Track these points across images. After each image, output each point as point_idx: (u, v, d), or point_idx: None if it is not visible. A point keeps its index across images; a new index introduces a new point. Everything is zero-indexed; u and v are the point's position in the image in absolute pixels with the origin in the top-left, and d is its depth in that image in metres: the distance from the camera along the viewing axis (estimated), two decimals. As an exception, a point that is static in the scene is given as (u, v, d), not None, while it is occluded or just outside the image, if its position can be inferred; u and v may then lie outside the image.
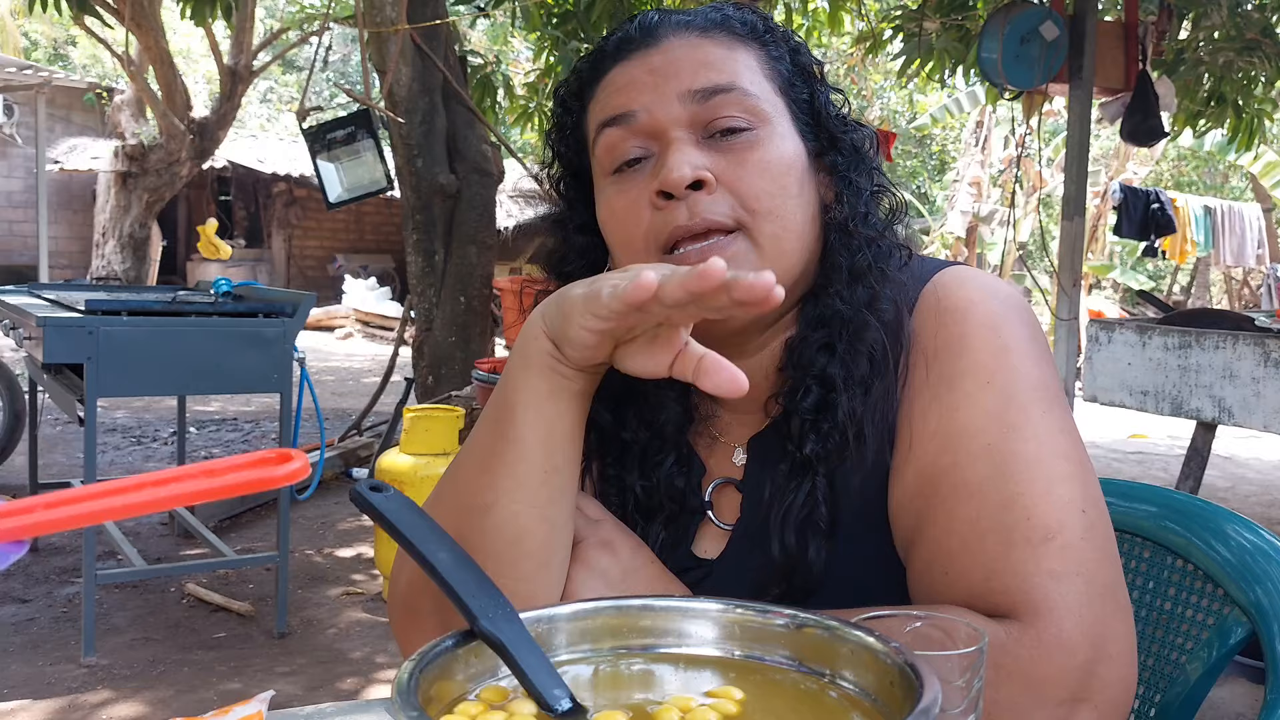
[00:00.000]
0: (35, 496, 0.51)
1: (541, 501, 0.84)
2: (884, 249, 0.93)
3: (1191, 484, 4.59)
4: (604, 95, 0.94)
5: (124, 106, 12.13)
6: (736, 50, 0.93)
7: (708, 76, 0.90)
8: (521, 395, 0.83)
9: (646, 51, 0.93)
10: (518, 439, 0.84)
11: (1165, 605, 1.09)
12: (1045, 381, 0.87)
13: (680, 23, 0.94)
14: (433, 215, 5.25)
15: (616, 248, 0.94)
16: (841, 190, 0.94)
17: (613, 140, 0.92)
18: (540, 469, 0.84)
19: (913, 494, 0.87)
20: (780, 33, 0.97)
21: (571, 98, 0.99)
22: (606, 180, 0.94)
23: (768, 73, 0.93)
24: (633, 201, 0.91)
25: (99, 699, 3.15)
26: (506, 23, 8.34)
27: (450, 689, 0.60)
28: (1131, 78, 5.65)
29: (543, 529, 0.84)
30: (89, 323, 3.21)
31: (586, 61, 0.98)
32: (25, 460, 4.82)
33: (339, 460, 5.91)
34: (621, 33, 0.96)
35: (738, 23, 0.95)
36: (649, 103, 0.90)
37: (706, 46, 0.92)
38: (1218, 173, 17.42)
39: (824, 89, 0.97)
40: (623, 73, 0.93)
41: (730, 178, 0.88)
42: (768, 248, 0.88)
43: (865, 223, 0.93)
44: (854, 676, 0.60)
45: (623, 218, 0.92)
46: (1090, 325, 4.70)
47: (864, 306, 0.90)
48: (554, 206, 1.04)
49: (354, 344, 13.96)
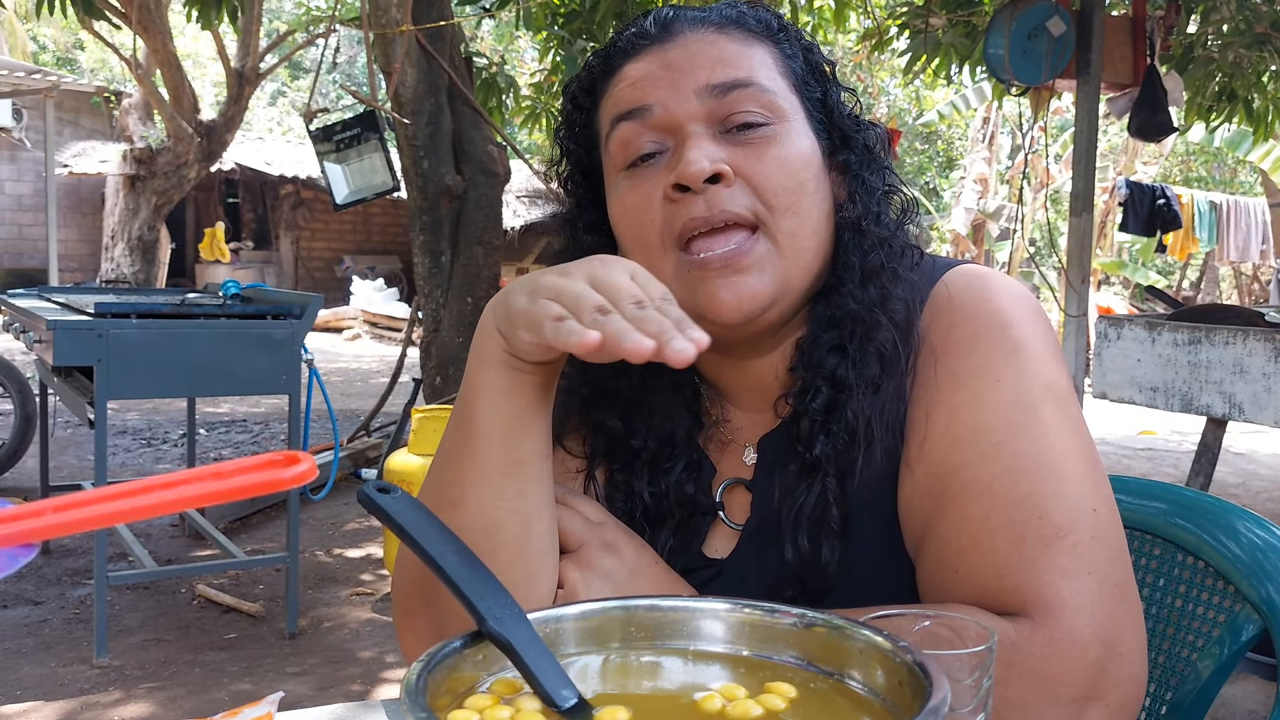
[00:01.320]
0: (45, 500, 0.51)
1: (509, 495, 0.84)
2: (896, 249, 0.92)
3: (1202, 480, 4.57)
4: (618, 90, 0.93)
5: (132, 110, 12.16)
6: (752, 47, 0.92)
7: (725, 72, 0.89)
8: (480, 391, 0.84)
9: (662, 46, 0.92)
10: (478, 434, 0.84)
11: (1176, 603, 1.08)
12: (1056, 380, 0.87)
13: (695, 19, 0.93)
14: (439, 216, 5.25)
15: (629, 244, 0.93)
16: (854, 189, 0.94)
17: (627, 135, 0.91)
18: (503, 463, 0.83)
19: (923, 493, 0.86)
20: (794, 32, 0.97)
21: (583, 93, 0.98)
22: (619, 175, 0.93)
23: (782, 70, 0.93)
24: (646, 196, 0.90)
25: (111, 700, 3.16)
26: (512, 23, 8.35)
27: (459, 688, 0.60)
28: (1139, 73, 5.62)
29: (513, 522, 0.84)
30: (98, 325, 3.23)
31: (599, 57, 0.97)
32: (37, 463, 4.84)
33: (348, 461, 5.93)
34: (636, 28, 0.95)
35: (752, 20, 0.94)
36: (665, 97, 0.89)
37: (722, 42, 0.91)
38: (1226, 168, 17.35)
39: (836, 88, 0.97)
40: (637, 67, 0.92)
41: (748, 171, 0.88)
42: (785, 245, 0.88)
43: (878, 222, 0.93)
44: (863, 676, 0.60)
45: (636, 213, 0.91)
46: (1099, 322, 4.68)
47: (876, 306, 0.90)
48: (562, 205, 1.03)
49: (362, 345, 13.99)
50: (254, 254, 17.35)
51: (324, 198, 15.12)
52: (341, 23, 6.90)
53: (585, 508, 0.92)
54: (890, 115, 17.15)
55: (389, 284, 15.87)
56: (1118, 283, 15.83)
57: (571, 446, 1.01)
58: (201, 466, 0.57)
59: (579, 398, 0.99)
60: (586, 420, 1.00)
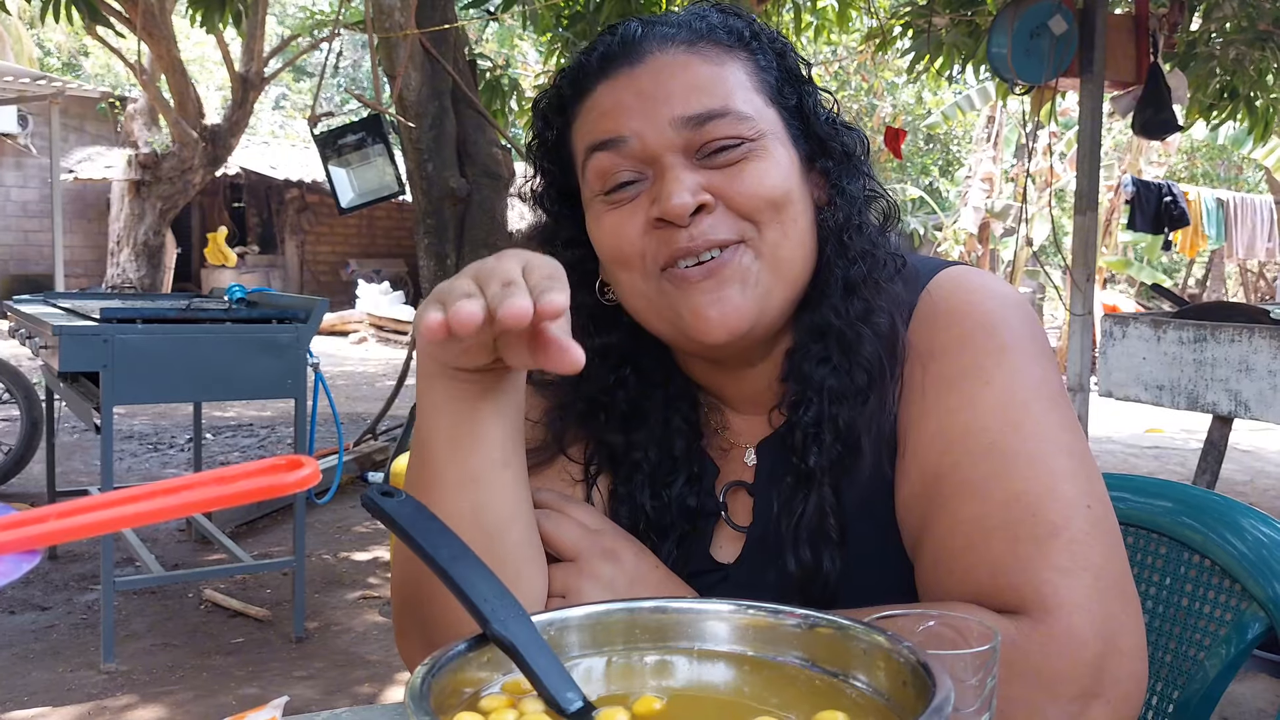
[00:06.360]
0: (48, 506, 0.52)
1: (466, 509, 0.83)
2: (879, 259, 0.92)
3: (1208, 478, 4.56)
4: (591, 117, 0.91)
5: (137, 115, 12.21)
6: (725, 65, 0.90)
7: (700, 101, 0.87)
8: (425, 403, 0.84)
9: (632, 70, 0.90)
10: (426, 448, 0.84)
11: (1183, 601, 1.08)
12: (1045, 379, 0.87)
13: (665, 36, 0.91)
14: (444, 219, 5.25)
15: (611, 265, 0.93)
16: (834, 196, 0.93)
17: (603, 165, 0.90)
18: (455, 477, 0.83)
19: (917, 494, 0.87)
20: (766, 37, 0.95)
21: (553, 113, 0.96)
22: (597, 199, 0.92)
23: (757, 85, 0.91)
24: (626, 224, 0.90)
25: (119, 705, 3.17)
26: (515, 26, 8.37)
27: (464, 693, 0.60)
28: (1143, 71, 5.61)
29: (478, 536, 0.80)
30: (104, 331, 3.23)
31: (567, 78, 0.95)
32: (43, 468, 4.85)
33: (354, 464, 5.93)
34: (603, 48, 0.92)
35: (723, 31, 0.92)
36: (639, 128, 0.88)
37: (695, 65, 0.89)
38: (1232, 165, 17.31)
39: (812, 91, 0.95)
40: (609, 94, 0.90)
41: (729, 193, 0.87)
42: (769, 256, 0.89)
43: (860, 233, 0.92)
44: (867, 677, 0.60)
45: (616, 240, 0.90)
46: (1104, 320, 4.67)
47: (859, 319, 0.90)
48: (539, 218, 1.02)
49: (368, 348, 14.00)
50: (259, 258, 17.38)
51: (329, 201, 15.13)
52: (345, 26, 6.91)
53: (583, 515, 0.92)
54: (895, 114, 17.13)
55: (394, 287, 15.89)
56: (1123, 281, 15.80)
57: (573, 456, 1.01)
58: (204, 472, 0.58)
59: (575, 412, 0.99)
60: (586, 432, 1.00)
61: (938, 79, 7.50)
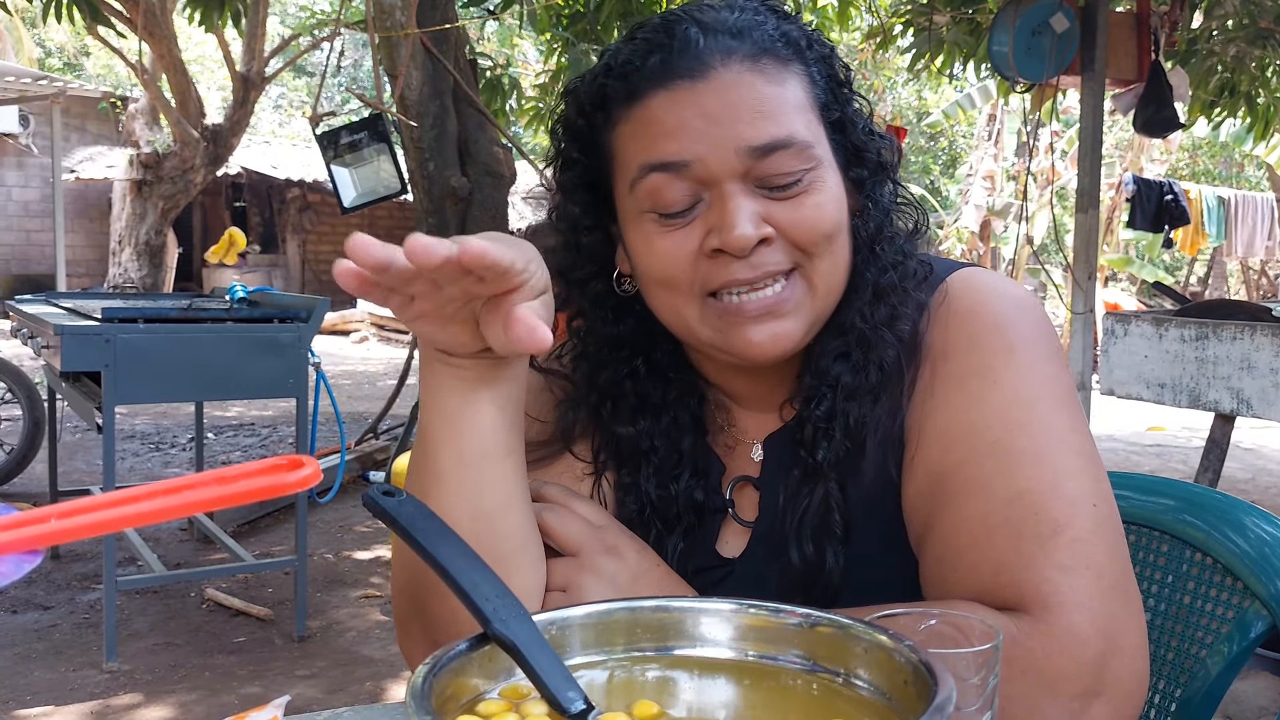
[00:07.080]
0: (49, 506, 0.52)
1: (466, 493, 0.83)
2: (909, 269, 0.93)
3: (1210, 476, 4.56)
4: (649, 131, 0.87)
5: (138, 115, 12.21)
6: (786, 83, 0.87)
7: (765, 130, 0.85)
8: (423, 389, 0.84)
9: (693, 85, 0.86)
10: (427, 435, 0.84)
11: (1185, 599, 1.08)
12: (1054, 379, 0.87)
13: (728, 49, 0.86)
14: (445, 218, 5.25)
15: (653, 283, 0.91)
16: (866, 204, 0.93)
17: (659, 185, 0.87)
18: (453, 461, 0.83)
19: (923, 492, 0.87)
20: (817, 44, 0.93)
21: (595, 108, 0.92)
22: (645, 217, 0.89)
23: (811, 101, 0.89)
24: (679, 247, 0.88)
25: (121, 704, 3.17)
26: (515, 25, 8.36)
27: (465, 692, 0.60)
28: (1144, 69, 5.60)
29: (477, 521, 0.82)
30: (106, 330, 3.23)
31: (617, 76, 0.90)
32: (45, 468, 4.85)
33: (355, 464, 5.94)
34: (662, 52, 0.87)
35: (781, 42, 0.89)
36: (704, 153, 0.85)
37: (758, 85, 0.86)
38: (1234, 163, 17.29)
39: (850, 97, 0.94)
40: (669, 109, 0.86)
41: (787, 224, 0.87)
42: (820, 285, 0.89)
43: (891, 243, 0.93)
44: (868, 675, 0.60)
45: (667, 262, 0.89)
46: (1106, 318, 4.66)
47: (883, 324, 0.90)
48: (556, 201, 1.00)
49: (369, 348, 14.01)
50: (261, 258, 17.40)
51: (330, 201, 15.15)
52: (346, 26, 6.91)
53: (587, 510, 0.92)
54: (895, 112, 17.12)
55: (396, 287, 15.85)
56: (1125, 279, 15.78)
57: (580, 450, 1.01)
58: (206, 471, 0.58)
59: (587, 404, 0.99)
60: (595, 424, 1.00)
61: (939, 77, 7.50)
